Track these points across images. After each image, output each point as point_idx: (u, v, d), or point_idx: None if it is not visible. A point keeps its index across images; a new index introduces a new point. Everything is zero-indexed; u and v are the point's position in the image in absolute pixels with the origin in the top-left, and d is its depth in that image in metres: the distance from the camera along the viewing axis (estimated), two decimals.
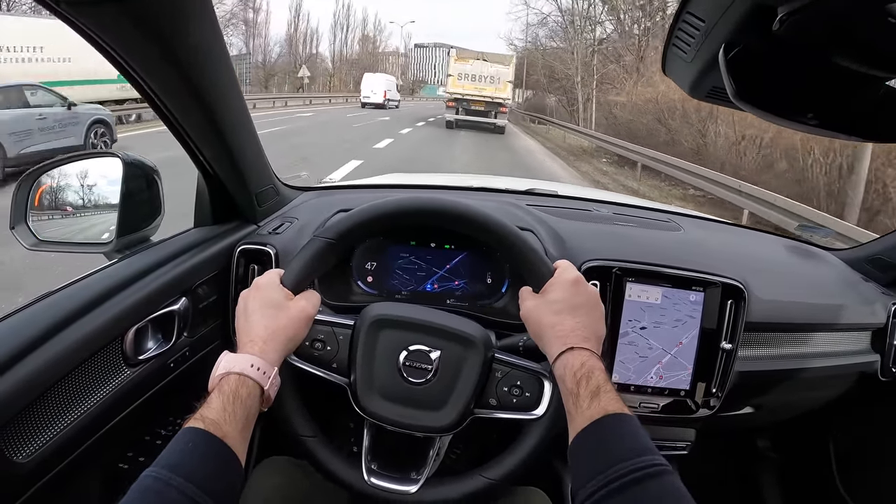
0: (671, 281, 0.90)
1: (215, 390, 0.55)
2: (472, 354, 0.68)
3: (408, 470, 0.70)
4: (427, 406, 0.67)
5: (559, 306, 0.63)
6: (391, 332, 0.69)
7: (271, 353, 0.59)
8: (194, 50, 0.65)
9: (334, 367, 0.69)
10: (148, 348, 0.78)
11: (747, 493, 1.41)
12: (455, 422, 0.67)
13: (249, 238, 0.92)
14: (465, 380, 0.67)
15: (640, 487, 0.47)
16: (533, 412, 0.67)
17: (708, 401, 0.93)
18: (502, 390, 0.68)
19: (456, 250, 0.91)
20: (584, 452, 0.53)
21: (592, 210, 1.15)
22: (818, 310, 1.05)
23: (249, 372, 0.56)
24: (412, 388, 0.68)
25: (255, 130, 0.86)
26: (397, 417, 0.68)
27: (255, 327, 0.60)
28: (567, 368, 0.58)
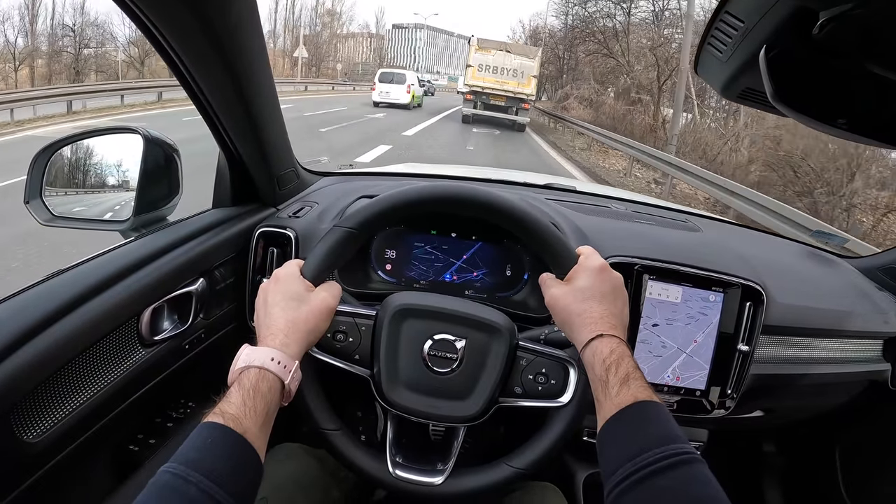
0: (691, 280, 0.90)
1: (235, 384, 0.54)
2: (497, 342, 0.67)
3: (434, 461, 0.69)
4: (452, 396, 0.67)
5: (587, 293, 0.62)
6: (415, 321, 0.68)
7: (292, 345, 0.58)
8: (233, 25, 0.64)
9: (356, 358, 0.68)
10: (164, 329, 0.77)
11: (751, 495, 1.41)
12: (481, 411, 0.66)
13: (269, 221, 0.91)
14: (491, 368, 0.67)
15: (669, 474, 0.47)
16: (559, 399, 0.67)
17: (723, 402, 0.93)
18: (527, 378, 0.67)
19: (476, 241, 0.90)
20: (613, 439, 0.53)
21: (611, 207, 1.15)
22: (832, 316, 1.05)
23: (270, 366, 0.55)
24: (437, 377, 0.67)
25: (281, 115, 0.85)
26: (423, 408, 0.67)
27: (275, 320, 0.59)
28: (596, 355, 0.57)
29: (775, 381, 1.00)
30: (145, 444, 0.83)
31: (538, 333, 0.75)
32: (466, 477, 0.68)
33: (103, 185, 0.92)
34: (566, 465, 1.02)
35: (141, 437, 0.83)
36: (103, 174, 0.92)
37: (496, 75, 15.29)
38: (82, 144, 0.90)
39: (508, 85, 15.28)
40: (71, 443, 0.62)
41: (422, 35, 76.08)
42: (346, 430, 0.69)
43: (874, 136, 0.56)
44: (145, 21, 0.59)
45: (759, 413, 1.05)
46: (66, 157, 0.90)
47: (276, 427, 0.94)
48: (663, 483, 0.46)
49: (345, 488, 0.82)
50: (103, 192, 0.92)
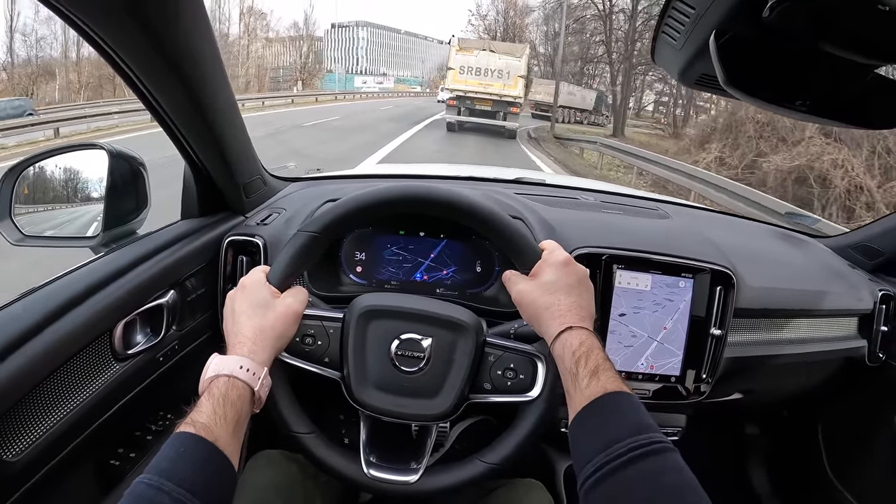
0: (660, 268, 0.91)
1: (205, 393, 0.54)
2: (463, 340, 0.68)
3: (406, 460, 0.70)
4: (421, 394, 0.67)
5: (553, 287, 0.63)
6: (381, 322, 0.69)
7: (261, 352, 0.59)
8: (185, 43, 0.64)
9: (326, 361, 0.69)
10: (137, 342, 0.77)
11: (736, 478, 1.42)
12: (450, 409, 0.67)
13: (237, 229, 0.91)
14: (458, 366, 0.67)
15: (641, 464, 0.47)
16: (528, 394, 0.67)
17: (699, 387, 0.94)
18: (496, 374, 0.68)
19: (444, 239, 0.91)
20: (584, 431, 0.53)
21: (580, 198, 1.15)
22: (806, 296, 1.06)
23: (239, 374, 0.56)
24: (406, 377, 0.67)
25: (242, 121, 0.85)
26: (392, 407, 0.68)
27: (242, 328, 0.60)
28: (566, 348, 0.58)
29: (751, 363, 1.01)
30: (126, 457, 0.83)
31: (508, 328, 0.76)
32: (441, 474, 0.68)
33: (72, 202, 0.92)
34: (547, 459, 1.03)
35: (121, 451, 0.83)
36: (71, 191, 0.92)
37: (479, 77, 14.30)
38: (49, 163, 0.90)
39: (493, 87, 14.26)
40: (51, 460, 0.62)
41: (363, 34, 67.99)
42: (319, 432, 0.69)
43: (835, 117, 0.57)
44: (98, 41, 0.60)
45: (737, 396, 1.06)
46: (33, 176, 0.90)
47: (256, 434, 0.95)
48: (635, 473, 0.47)
49: (328, 494, 0.83)
50: (72, 209, 0.92)
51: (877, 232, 1.20)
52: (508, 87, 14.23)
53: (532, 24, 35.75)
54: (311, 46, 50.36)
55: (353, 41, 69.80)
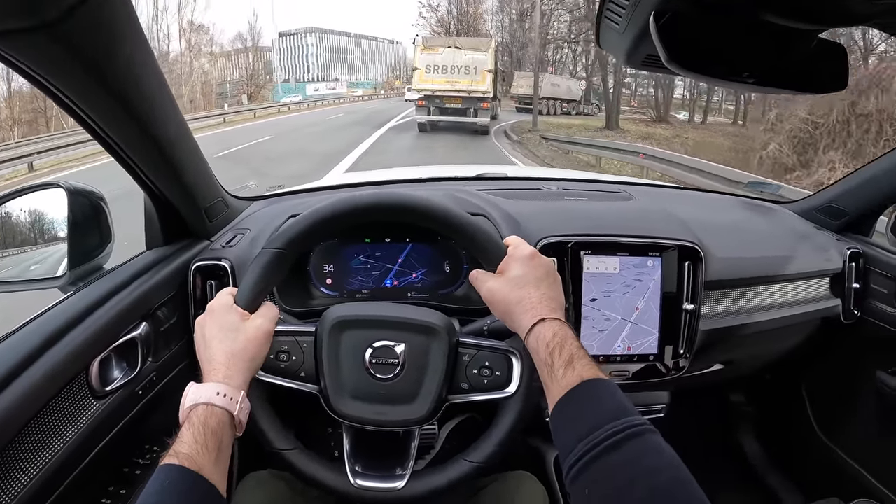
0: (627, 249, 0.92)
1: (185, 423, 0.55)
2: (436, 342, 0.68)
3: (392, 467, 0.70)
4: (399, 400, 0.68)
5: (522, 281, 0.63)
6: (353, 332, 0.69)
7: (236, 377, 0.59)
8: (128, 72, 0.63)
9: (302, 376, 0.69)
10: (114, 378, 0.77)
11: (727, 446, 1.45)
12: (430, 412, 0.67)
13: (203, 254, 0.90)
14: (433, 369, 0.68)
15: (622, 448, 0.47)
16: (506, 390, 0.68)
17: (677, 362, 0.96)
18: (472, 373, 0.68)
19: (410, 243, 0.91)
20: (563, 421, 0.53)
21: (542, 188, 1.16)
22: (775, 262, 1.08)
23: (216, 401, 0.56)
24: (382, 384, 0.68)
25: (196, 146, 0.85)
26: (372, 416, 0.68)
27: (215, 353, 0.60)
28: (540, 340, 0.58)
29: (727, 333, 1.03)
30: (117, 495, 0.83)
31: (482, 325, 0.76)
32: (428, 477, 0.69)
33: (36, 243, 0.91)
34: (536, 450, 1.04)
35: (112, 489, 0.83)
36: (34, 233, 0.91)
37: (446, 75, 14.10)
38: (7, 207, 0.89)
39: (461, 84, 14.04)
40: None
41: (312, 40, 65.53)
42: (303, 447, 0.70)
43: (783, 86, 0.58)
44: (41, 80, 0.59)
45: (718, 367, 1.08)
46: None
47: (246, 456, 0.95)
48: (616, 458, 0.47)
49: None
50: (37, 250, 0.91)
51: (840, 192, 1.22)
52: (476, 83, 14.07)
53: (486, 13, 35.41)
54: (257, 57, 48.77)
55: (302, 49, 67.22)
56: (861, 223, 1.22)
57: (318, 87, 50.96)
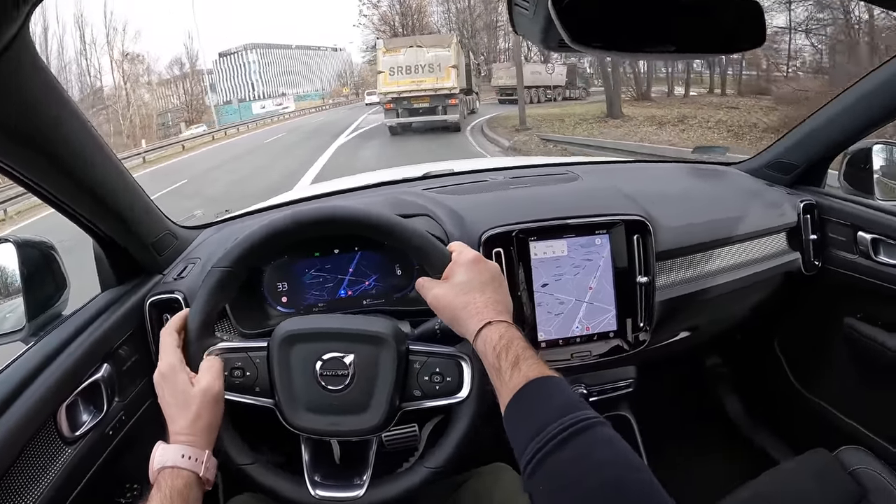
0: (574, 230, 0.93)
1: (154, 486, 0.59)
2: (385, 351, 0.69)
3: (351, 476, 0.71)
4: (352, 411, 0.69)
5: (467, 286, 0.65)
6: (302, 345, 0.70)
7: (199, 440, 0.62)
8: (53, 131, 0.65)
9: (257, 390, 0.70)
10: (83, 422, 0.78)
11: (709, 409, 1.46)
12: (383, 420, 0.68)
13: (156, 289, 0.91)
14: (383, 378, 0.68)
15: (571, 444, 0.48)
16: (458, 395, 0.68)
17: (637, 336, 0.96)
18: (423, 380, 0.69)
19: (359, 251, 0.92)
20: (514, 423, 0.54)
21: (489, 180, 1.17)
22: (727, 224, 1.09)
23: (182, 463, 0.60)
24: (334, 395, 0.69)
25: (132, 181, 0.85)
26: (327, 427, 0.69)
27: (176, 419, 0.64)
28: (487, 343, 0.59)
29: (687, 300, 1.04)
30: None
31: (433, 324, 0.77)
32: (387, 485, 0.70)
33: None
34: None
35: None
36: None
37: (411, 75, 14.01)
38: None
39: (426, 83, 13.90)
40: None
41: (253, 57, 62.23)
42: (263, 460, 0.71)
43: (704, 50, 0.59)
44: None
45: (685, 334, 1.09)
46: None
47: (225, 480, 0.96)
48: (567, 454, 0.48)
49: None
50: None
51: (787, 146, 1.23)
52: (442, 80, 13.95)
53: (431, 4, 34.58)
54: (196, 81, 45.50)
55: (244, 67, 63.43)
56: (812, 174, 1.23)
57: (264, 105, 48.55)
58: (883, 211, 1.12)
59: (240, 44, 66.37)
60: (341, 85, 62.49)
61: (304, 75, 67.29)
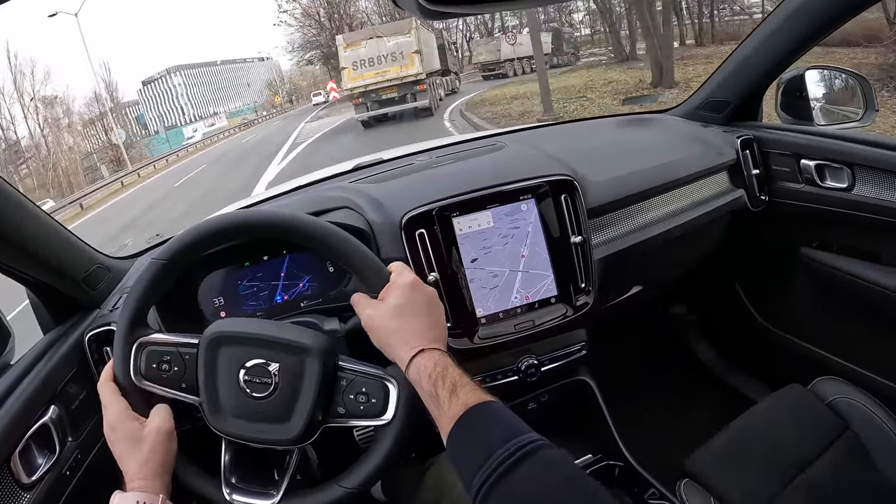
0: (497, 199, 0.91)
1: None
2: (310, 364, 0.67)
3: (268, 485, 0.71)
4: (274, 419, 0.67)
5: (402, 311, 0.64)
6: (229, 348, 0.69)
7: (153, 483, 0.63)
8: None
9: (184, 386, 0.69)
10: (38, 465, 0.79)
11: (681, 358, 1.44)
12: (302, 433, 0.67)
13: (94, 323, 0.92)
14: (307, 390, 0.67)
15: (520, 469, 0.48)
16: (382, 418, 0.67)
17: (579, 298, 0.95)
18: (349, 398, 0.67)
19: (287, 254, 0.91)
20: (459, 451, 0.54)
21: (414, 162, 1.15)
22: (664, 170, 1.07)
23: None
24: (257, 402, 0.68)
25: (48, 221, 0.85)
26: (246, 433, 0.68)
27: (128, 466, 0.65)
28: (421, 372, 0.59)
29: (632, 253, 1.02)
30: None
31: None
32: (299, 499, 0.69)
33: None
34: None
35: None
36: None
37: (374, 67, 13.72)
38: None
39: (390, 72, 13.59)
40: None
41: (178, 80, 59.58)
42: (185, 459, 0.71)
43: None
44: None
45: (637, 288, 1.08)
46: None
47: None
48: (517, 479, 0.48)
49: None
50: None
51: (717, 83, 1.21)
52: (406, 68, 13.63)
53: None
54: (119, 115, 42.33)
55: (169, 92, 59.91)
56: (747, 109, 1.21)
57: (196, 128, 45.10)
58: (824, 135, 1.10)
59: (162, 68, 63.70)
60: (273, 94, 59.97)
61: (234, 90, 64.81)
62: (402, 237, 0.88)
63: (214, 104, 62.74)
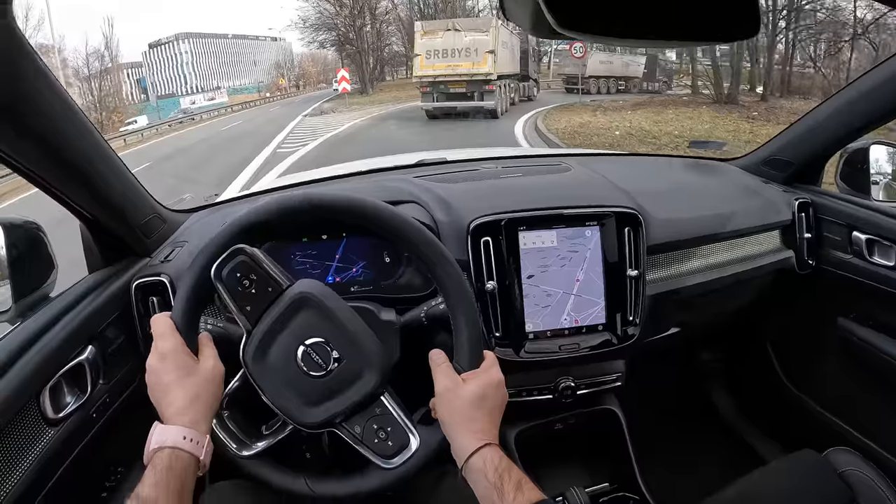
0: (564, 221, 0.92)
1: (149, 466, 0.56)
2: (367, 377, 0.66)
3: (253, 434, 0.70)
4: (304, 396, 0.66)
5: (481, 402, 0.65)
6: (309, 313, 0.66)
7: (200, 421, 0.61)
8: (28, 100, 0.63)
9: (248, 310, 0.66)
10: (66, 403, 0.78)
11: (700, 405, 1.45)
12: (318, 424, 0.66)
13: (143, 271, 0.91)
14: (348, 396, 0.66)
15: None
16: (388, 462, 0.66)
17: (626, 330, 0.96)
18: (370, 427, 0.66)
19: (346, 237, 0.91)
20: None
21: (480, 169, 1.15)
22: (721, 219, 1.08)
23: (183, 445, 0.58)
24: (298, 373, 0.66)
25: (120, 164, 0.85)
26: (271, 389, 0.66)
27: (176, 398, 0.61)
28: (488, 462, 0.60)
29: (679, 295, 1.03)
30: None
31: (419, 312, 0.77)
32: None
33: None
34: None
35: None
36: None
37: (447, 59, 13.57)
38: None
39: (462, 67, 13.43)
40: None
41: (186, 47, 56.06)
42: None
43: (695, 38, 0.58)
44: None
45: (675, 329, 1.08)
46: None
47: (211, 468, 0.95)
48: None
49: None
50: None
51: (783, 143, 1.22)
52: (478, 66, 13.39)
53: None
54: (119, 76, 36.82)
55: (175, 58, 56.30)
56: (808, 173, 1.22)
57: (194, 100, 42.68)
58: (879, 211, 1.11)
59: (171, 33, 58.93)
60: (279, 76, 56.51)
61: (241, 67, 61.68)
62: (468, 241, 0.88)
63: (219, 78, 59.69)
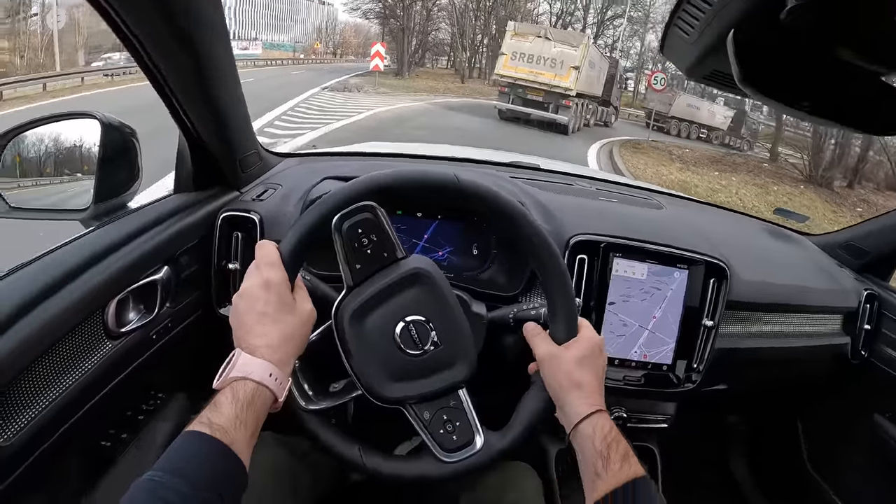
0: (656, 258, 0.92)
1: (227, 394, 0.52)
2: (458, 367, 0.65)
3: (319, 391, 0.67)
4: (387, 369, 0.63)
5: (587, 364, 0.64)
6: (421, 289, 0.64)
7: (288, 361, 0.57)
8: (196, 8, 0.62)
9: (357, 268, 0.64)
10: (130, 320, 0.75)
11: (719, 466, 1.45)
12: (390, 399, 0.64)
13: (233, 205, 0.89)
14: (431, 381, 0.64)
15: None
16: (443, 455, 0.64)
17: (689, 376, 0.96)
18: (440, 416, 0.65)
19: (439, 219, 0.89)
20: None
21: (575, 185, 1.15)
22: (794, 291, 1.08)
23: (268, 382, 0.54)
24: (390, 349, 0.63)
25: (242, 93, 0.83)
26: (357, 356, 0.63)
27: (269, 331, 0.57)
28: (597, 429, 0.59)
29: (739, 354, 1.03)
30: (118, 438, 0.81)
31: (507, 312, 0.75)
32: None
33: (61, 173, 0.89)
34: (539, 443, 1.04)
35: (113, 433, 0.80)
36: (60, 162, 0.89)
37: (531, 65, 13.49)
38: (37, 132, 0.87)
39: (543, 76, 13.39)
40: (43, 442, 0.60)
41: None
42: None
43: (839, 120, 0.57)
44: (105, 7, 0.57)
45: (723, 386, 1.08)
46: (20, 146, 0.87)
47: None
48: None
49: (316, 474, 0.82)
50: (61, 180, 0.89)
51: (864, 232, 1.22)
52: (560, 78, 13.34)
53: None
54: None
55: None
56: (881, 266, 1.23)
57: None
58: None
59: None
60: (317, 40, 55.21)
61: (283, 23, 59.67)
62: (565, 255, 0.87)
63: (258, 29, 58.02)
